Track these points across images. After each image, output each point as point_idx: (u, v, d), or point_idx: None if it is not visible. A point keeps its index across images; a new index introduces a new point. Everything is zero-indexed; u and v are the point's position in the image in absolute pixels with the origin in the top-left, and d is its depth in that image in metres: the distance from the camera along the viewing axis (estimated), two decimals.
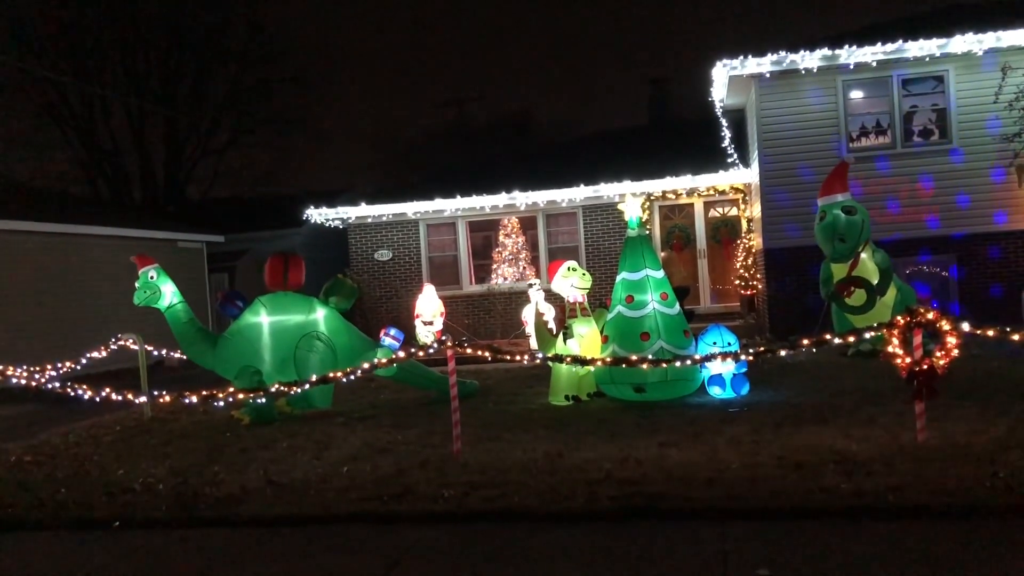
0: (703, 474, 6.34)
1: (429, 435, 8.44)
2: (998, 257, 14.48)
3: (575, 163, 20.11)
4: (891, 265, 11.99)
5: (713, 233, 18.92)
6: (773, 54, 14.71)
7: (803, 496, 5.70)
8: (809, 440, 7.14)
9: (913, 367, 6.75)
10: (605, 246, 18.77)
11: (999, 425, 7.16)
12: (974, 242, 14.53)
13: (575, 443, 7.65)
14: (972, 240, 14.53)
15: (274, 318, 10.46)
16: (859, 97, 15.06)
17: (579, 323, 9.87)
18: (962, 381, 8.88)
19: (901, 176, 14.69)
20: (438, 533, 5.71)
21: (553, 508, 5.89)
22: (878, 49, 14.27)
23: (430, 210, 19.16)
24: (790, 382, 10.20)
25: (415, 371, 10.79)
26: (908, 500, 5.47)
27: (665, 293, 9.78)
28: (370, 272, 19.69)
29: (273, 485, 6.92)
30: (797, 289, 14.83)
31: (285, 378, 9.87)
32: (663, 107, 25.02)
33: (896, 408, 7.93)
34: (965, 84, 14.48)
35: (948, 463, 6.11)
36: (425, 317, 16.49)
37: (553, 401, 9.87)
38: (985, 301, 14.28)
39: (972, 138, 14.48)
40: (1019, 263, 14.39)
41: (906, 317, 6.82)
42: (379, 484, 6.70)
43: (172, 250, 20.06)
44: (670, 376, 9.31)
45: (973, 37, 14.00)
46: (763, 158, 15.27)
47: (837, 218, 11.87)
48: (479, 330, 18.73)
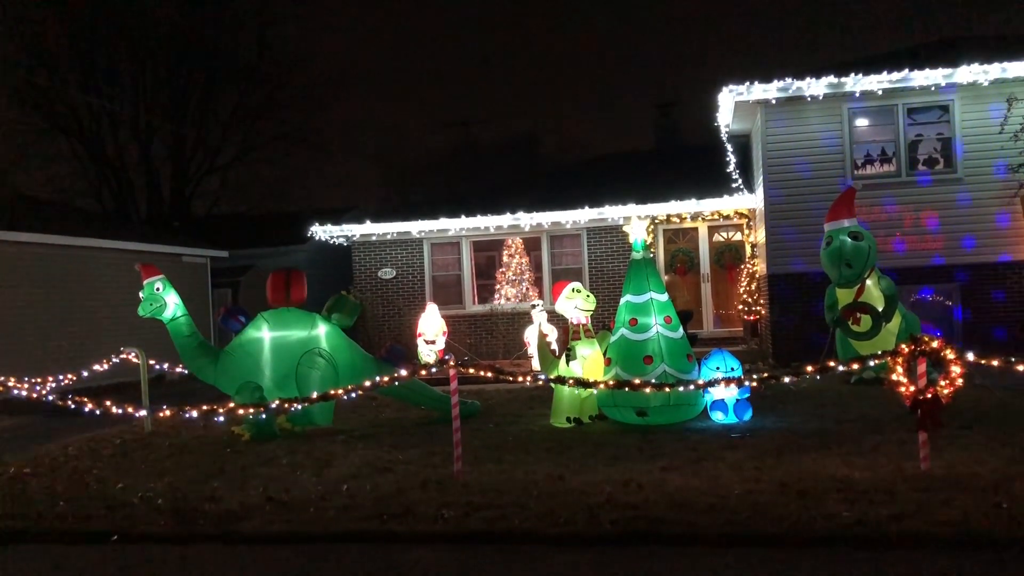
0: (704, 499, 6.31)
1: (430, 455, 8.41)
2: (1002, 287, 14.47)
3: (580, 185, 20.16)
4: (896, 292, 11.98)
5: (717, 258, 18.93)
6: (779, 80, 14.78)
7: (805, 523, 5.67)
8: (811, 467, 7.11)
9: (917, 396, 6.73)
10: (609, 268, 18.78)
11: (1002, 456, 7.13)
12: (978, 272, 14.52)
13: (576, 466, 7.62)
14: (976, 269, 14.52)
15: (276, 333, 10.45)
16: (864, 125, 15.11)
17: (582, 345, 9.86)
18: (966, 411, 8.85)
19: (905, 205, 14.71)
20: (438, 554, 5.68)
21: (553, 531, 5.85)
22: (884, 78, 14.34)
23: (434, 229, 19.19)
24: (793, 408, 10.17)
25: (417, 390, 10.77)
26: (910, 529, 5.43)
27: (669, 316, 9.77)
28: (373, 290, 19.70)
29: (272, 502, 6.89)
30: (800, 315, 14.81)
31: (286, 394, 9.87)
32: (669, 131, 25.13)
33: (899, 437, 7.90)
34: (970, 114, 14.53)
35: (951, 493, 6.08)
36: (427, 336, 16.48)
37: (555, 423, 9.84)
38: (989, 331, 14.24)
39: (977, 168, 14.50)
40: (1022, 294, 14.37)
41: (910, 345, 6.81)
42: (379, 503, 6.67)
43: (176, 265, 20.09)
44: (672, 400, 9.29)
45: (979, 68, 14.07)
46: (768, 184, 15.30)
47: (844, 243, 11.88)
48: (481, 350, 18.71)
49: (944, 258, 14.60)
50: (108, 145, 30.00)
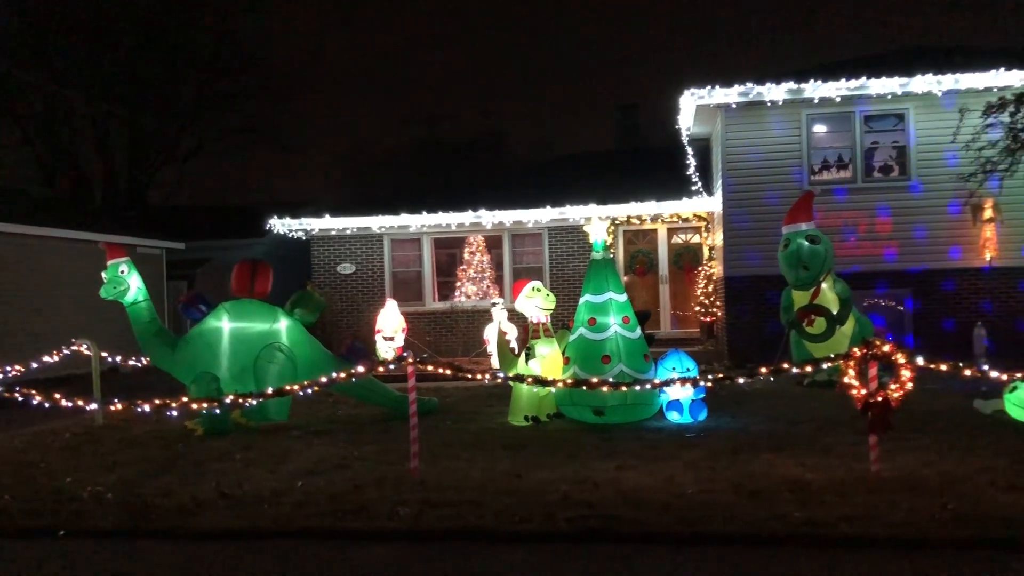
0: (659, 498, 6.36)
1: (386, 452, 8.38)
2: (952, 292, 14.79)
3: (542, 184, 20.19)
4: (851, 296, 12.19)
5: (675, 259, 19.11)
6: (740, 85, 14.95)
7: (757, 523, 5.74)
8: (764, 467, 7.21)
9: (868, 399, 6.86)
10: (570, 268, 18.85)
11: (950, 458, 7.29)
12: (930, 277, 14.82)
13: (533, 464, 7.65)
14: (928, 275, 14.82)
15: (236, 324, 10.33)
16: (822, 131, 15.35)
17: (541, 344, 9.88)
18: (915, 414, 9.03)
19: (861, 210, 14.97)
20: (392, 551, 5.66)
21: (509, 528, 5.87)
22: (842, 85, 14.57)
23: (395, 225, 19.11)
24: (747, 409, 10.29)
25: (373, 388, 10.71)
26: (860, 530, 5.53)
27: (627, 317, 9.85)
28: (332, 285, 19.55)
29: (226, 498, 6.82)
30: (756, 317, 15.00)
31: (243, 387, 9.76)
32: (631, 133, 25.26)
33: (850, 439, 8.04)
34: (924, 123, 14.83)
35: (900, 495, 6.20)
36: (386, 332, 16.38)
37: (513, 421, 9.86)
38: (939, 335, 14.55)
39: (930, 176, 14.81)
40: (972, 299, 14.71)
41: (862, 349, 6.94)
42: (334, 500, 6.63)
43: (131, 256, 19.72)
44: (629, 400, 9.36)
45: (933, 78, 14.36)
46: (727, 187, 15.47)
47: (801, 246, 12.06)
48: (440, 347, 18.67)
49: (897, 263, 14.88)
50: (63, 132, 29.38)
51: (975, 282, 14.72)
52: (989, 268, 14.54)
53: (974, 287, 14.73)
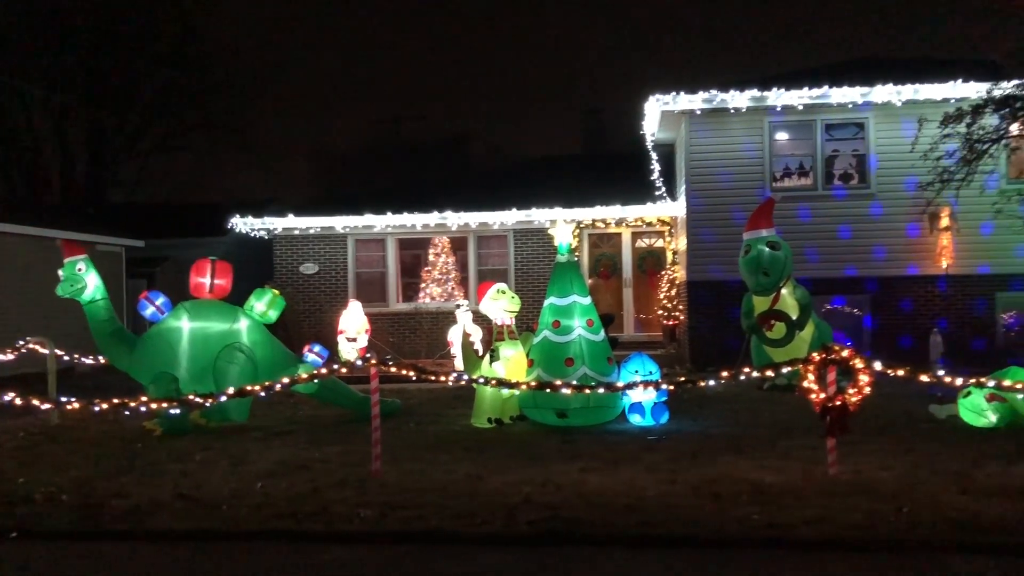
0: (621, 500, 6.39)
1: (348, 453, 8.32)
2: (910, 299, 15.04)
3: (508, 187, 20.20)
4: (811, 302, 12.35)
5: (639, 263, 19.23)
6: (704, 92, 15.08)
7: (717, 525, 5.80)
8: (725, 470, 7.28)
9: (826, 403, 6.96)
10: (535, 270, 18.88)
11: (905, 462, 7.41)
12: (888, 284, 15.07)
13: (496, 466, 7.64)
14: (886, 282, 15.06)
15: (195, 324, 10.20)
16: (784, 139, 15.54)
17: (505, 346, 9.88)
18: (873, 418, 9.16)
19: (821, 218, 15.17)
20: (353, 554, 5.63)
21: (471, 531, 5.86)
22: (804, 93, 14.77)
23: (359, 225, 19.00)
24: (708, 412, 10.39)
25: (336, 389, 10.64)
26: (818, 533, 5.61)
27: (591, 319, 9.89)
28: (294, 285, 19.39)
29: (184, 499, 6.73)
30: (718, 321, 15.13)
31: (202, 387, 9.63)
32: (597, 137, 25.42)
33: (809, 442, 8.14)
34: (884, 133, 15.07)
35: (857, 498, 6.29)
36: (349, 333, 16.28)
37: (476, 423, 9.85)
38: (896, 341, 14.78)
39: (889, 184, 15.05)
40: (929, 306, 14.97)
41: (821, 354, 7.04)
42: (294, 502, 6.57)
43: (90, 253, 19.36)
44: (592, 402, 9.40)
45: (893, 88, 14.61)
46: (690, 192, 15.61)
47: (761, 252, 12.20)
48: (404, 349, 18.59)
49: (856, 270, 15.11)
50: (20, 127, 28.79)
51: (932, 289, 14.99)
52: (945, 276, 14.81)
53: (931, 294, 15.00)
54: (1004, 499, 6.18)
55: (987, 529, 5.56)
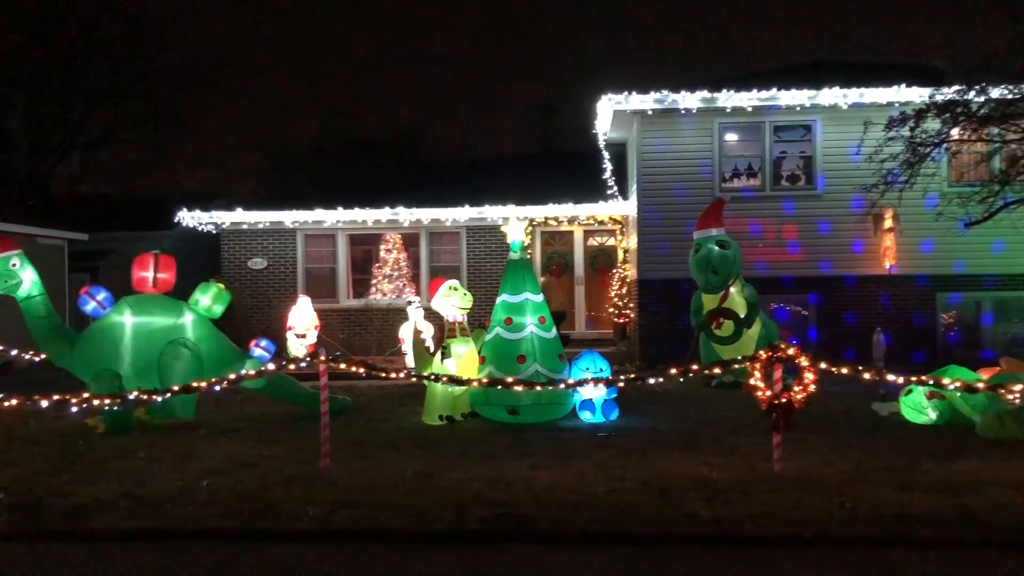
0: (571, 497, 6.43)
1: (296, 451, 8.24)
2: (854, 299, 15.36)
3: (461, 183, 20.16)
4: (758, 300, 12.55)
5: (591, 261, 19.33)
6: (656, 92, 15.22)
7: (665, 521, 5.86)
8: (673, 467, 7.36)
9: (772, 400, 7.07)
10: (487, 267, 18.87)
11: (848, 458, 7.57)
12: (833, 283, 15.37)
13: (447, 463, 7.63)
14: (831, 281, 15.36)
15: (139, 319, 10.01)
16: (734, 140, 15.75)
17: (457, 343, 9.87)
18: (817, 415, 9.34)
19: (768, 217, 15.41)
20: (301, 552, 5.57)
21: (421, 529, 5.84)
22: (753, 95, 14.98)
23: (309, 220, 18.81)
24: (657, 409, 10.49)
25: (284, 385, 10.52)
26: (763, 528, 5.70)
27: (543, 317, 9.92)
28: (242, 280, 19.12)
29: (128, 497, 6.61)
30: (668, 319, 15.29)
31: (146, 385, 9.45)
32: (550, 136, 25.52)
33: (755, 439, 8.27)
34: (831, 135, 15.36)
35: (801, 493, 6.41)
36: (298, 330, 16.13)
37: (427, 420, 9.82)
38: (840, 340, 15.09)
39: (835, 186, 15.35)
40: (873, 305, 15.30)
41: (768, 352, 7.15)
42: (241, 500, 6.49)
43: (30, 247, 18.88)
44: (543, 399, 9.43)
45: (839, 91, 14.90)
46: (641, 192, 15.73)
47: (711, 251, 12.37)
48: (354, 345, 18.44)
49: (802, 269, 15.38)
50: None
51: (875, 289, 15.33)
52: (889, 275, 15.14)
53: (874, 293, 15.34)
54: (942, 494, 6.35)
55: (926, 523, 5.70)
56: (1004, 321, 15.37)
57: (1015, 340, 15.13)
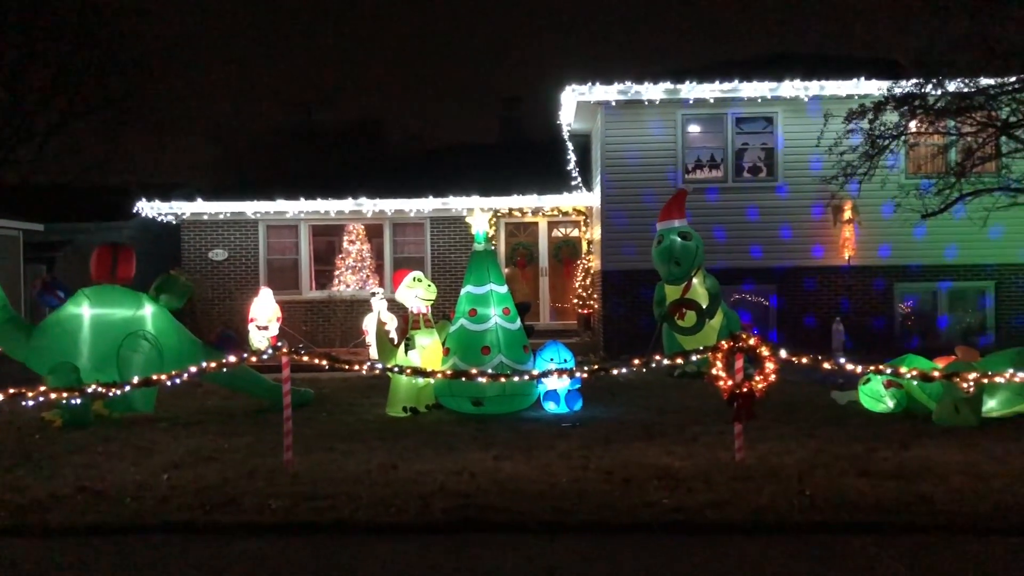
0: (534, 487, 6.45)
1: (258, 444, 8.18)
2: (814, 289, 15.56)
3: (425, 174, 20.08)
4: (720, 291, 12.67)
5: (555, 252, 19.37)
6: (619, 83, 15.26)
7: (628, 511, 5.90)
8: (636, 456, 7.41)
9: (734, 390, 7.15)
10: (451, 259, 18.83)
11: (808, 447, 7.68)
12: (793, 274, 15.55)
13: (410, 455, 7.62)
14: (792, 272, 15.54)
15: (97, 311, 9.85)
16: (696, 131, 15.85)
17: (421, 334, 9.84)
18: (778, 405, 9.46)
19: (730, 209, 15.53)
20: (264, 545, 5.53)
21: (384, 520, 5.83)
22: (716, 87, 15.08)
23: (271, 211, 18.61)
24: (621, 399, 10.55)
25: (246, 378, 10.42)
26: (725, 516, 5.76)
27: (507, 308, 9.92)
28: (203, 272, 18.89)
29: (86, 492, 6.51)
30: (631, 310, 15.38)
31: (105, 377, 9.31)
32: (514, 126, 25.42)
33: (717, 428, 8.36)
34: (792, 127, 15.51)
35: (762, 482, 6.49)
36: (260, 321, 15.97)
37: (390, 412, 9.79)
38: (801, 330, 15.29)
39: (796, 177, 15.51)
40: (832, 295, 15.52)
41: (729, 342, 7.22)
42: (202, 493, 6.43)
43: None
44: (508, 390, 9.44)
45: (800, 84, 15.05)
46: (605, 183, 15.78)
47: (673, 243, 12.47)
48: (317, 337, 18.33)
49: (763, 260, 15.54)
50: None
51: (835, 279, 15.54)
52: (848, 267, 15.36)
53: (834, 284, 15.55)
54: (899, 481, 6.47)
55: (883, 510, 5.80)
56: (959, 311, 15.67)
57: (970, 329, 15.44)
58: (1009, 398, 8.76)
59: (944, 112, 12.69)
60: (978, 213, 13.55)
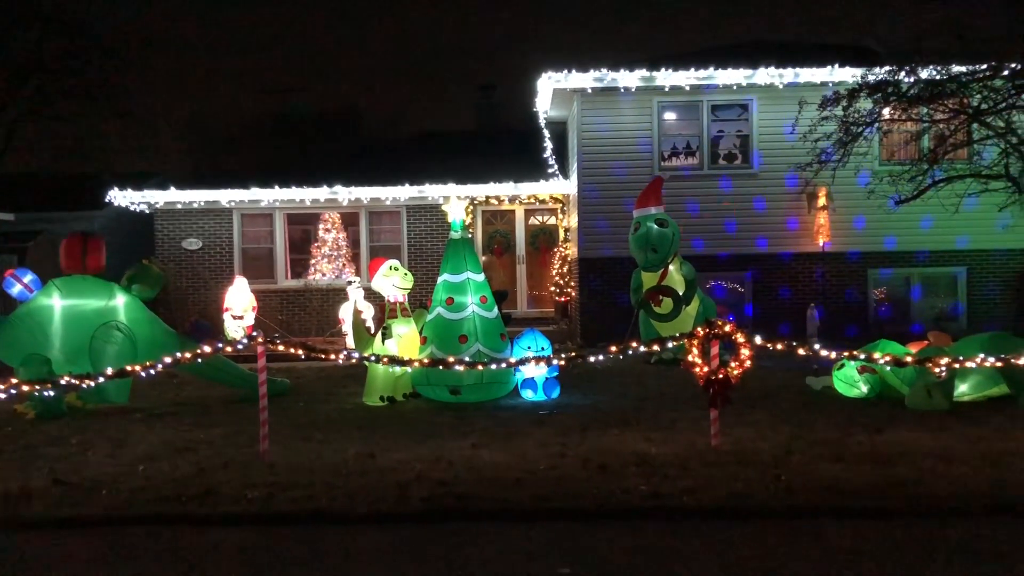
0: (512, 475, 6.47)
1: (235, 434, 8.13)
2: (789, 275, 15.67)
3: (401, 162, 19.98)
4: (696, 277, 12.73)
5: (532, 240, 19.36)
6: (595, 71, 15.24)
7: (605, 497, 5.93)
8: (613, 443, 7.45)
9: (710, 376, 7.19)
10: (428, 247, 18.76)
11: (783, 432, 7.75)
12: (768, 261, 15.65)
13: (388, 444, 7.60)
14: (766, 259, 15.64)
15: (68, 302, 9.74)
16: (672, 118, 15.87)
17: (398, 323, 9.82)
18: (753, 391, 9.53)
19: (706, 196, 15.58)
20: (241, 536, 5.51)
21: (362, 510, 5.82)
22: (691, 74, 15.10)
23: (246, 199, 18.44)
24: (598, 387, 10.59)
25: (222, 368, 10.35)
26: (701, 502, 5.81)
27: (485, 296, 9.92)
28: (177, 261, 18.71)
29: (60, 484, 6.45)
30: (608, 297, 15.42)
31: (78, 369, 9.21)
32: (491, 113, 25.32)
33: (693, 414, 8.41)
34: (767, 114, 15.57)
35: (738, 467, 6.55)
36: (235, 311, 15.85)
37: (367, 401, 9.76)
38: (775, 316, 15.41)
39: (770, 165, 15.58)
40: (807, 281, 15.63)
41: (705, 329, 7.26)
42: (178, 485, 6.39)
43: None
44: (485, 378, 9.45)
45: (775, 71, 15.09)
46: (581, 171, 15.78)
47: (650, 230, 12.51)
48: (293, 327, 18.22)
49: (739, 247, 15.62)
50: None
51: (809, 265, 15.65)
52: (822, 252, 15.47)
53: (808, 270, 15.66)
54: (873, 465, 6.54)
55: (857, 494, 5.87)
56: (932, 296, 15.85)
57: (942, 314, 15.62)
58: (980, 382, 8.89)
59: (917, 99, 12.78)
60: (950, 199, 13.67)
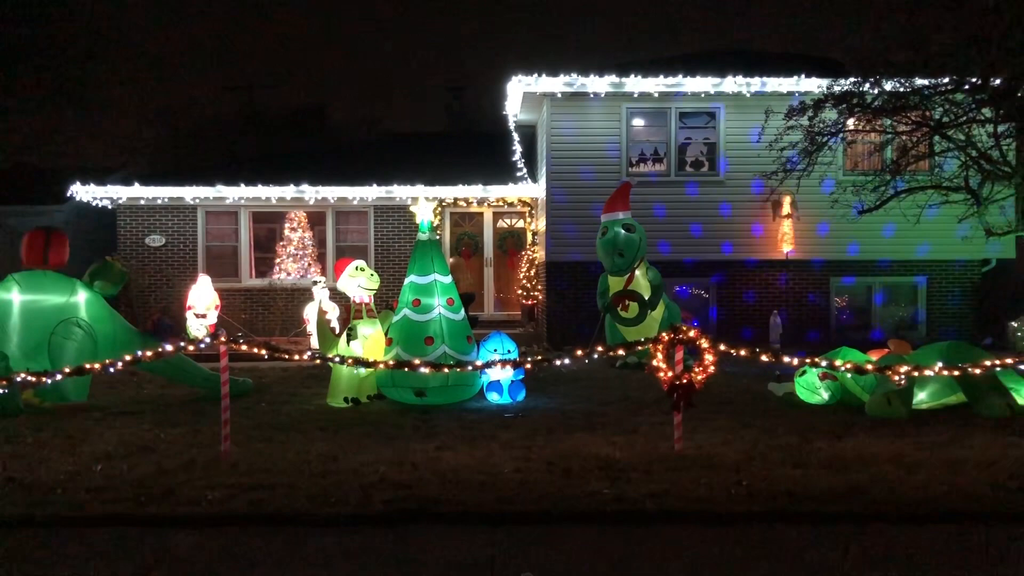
0: (476, 478, 6.45)
1: (195, 434, 8.03)
2: (753, 282, 15.83)
3: (369, 162, 19.89)
4: (662, 283, 12.81)
5: (500, 243, 19.37)
6: (565, 75, 15.29)
7: (569, 501, 5.94)
8: (577, 446, 7.46)
9: (674, 381, 7.24)
10: (395, 248, 18.70)
11: (745, 438, 7.81)
12: (733, 267, 15.80)
13: (351, 445, 7.55)
14: (731, 265, 15.79)
15: (27, 297, 9.57)
16: (640, 125, 15.97)
17: (364, 324, 9.76)
18: (716, 396, 9.61)
19: (673, 202, 15.70)
20: (200, 537, 5.43)
21: (324, 511, 5.77)
22: (660, 81, 15.21)
23: (210, 196, 18.26)
24: (563, 390, 10.61)
25: (183, 367, 10.22)
26: (665, 506, 5.83)
27: (451, 298, 9.90)
28: (140, 258, 18.46)
29: (13, 483, 6.32)
30: (574, 301, 15.47)
31: (36, 365, 9.07)
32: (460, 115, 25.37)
33: (657, 418, 8.46)
34: (734, 122, 15.73)
35: (701, 471, 6.59)
36: (198, 309, 15.67)
37: (331, 403, 9.69)
38: (739, 322, 15.56)
39: (737, 172, 15.74)
40: (771, 288, 15.81)
41: (670, 334, 7.31)
42: (137, 485, 6.29)
43: None
44: (451, 381, 9.42)
45: (743, 80, 15.25)
46: (550, 174, 15.82)
47: (617, 234, 12.57)
48: (257, 326, 18.06)
49: (704, 253, 15.75)
50: None
51: (773, 272, 15.83)
52: (786, 260, 15.65)
53: (772, 277, 15.84)
54: (833, 471, 6.61)
55: (817, 499, 5.93)
56: (893, 304, 16.11)
57: (903, 322, 15.88)
58: (938, 391, 9.03)
59: (881, 111, 12.99)
60: (912, 210, 13.90)
